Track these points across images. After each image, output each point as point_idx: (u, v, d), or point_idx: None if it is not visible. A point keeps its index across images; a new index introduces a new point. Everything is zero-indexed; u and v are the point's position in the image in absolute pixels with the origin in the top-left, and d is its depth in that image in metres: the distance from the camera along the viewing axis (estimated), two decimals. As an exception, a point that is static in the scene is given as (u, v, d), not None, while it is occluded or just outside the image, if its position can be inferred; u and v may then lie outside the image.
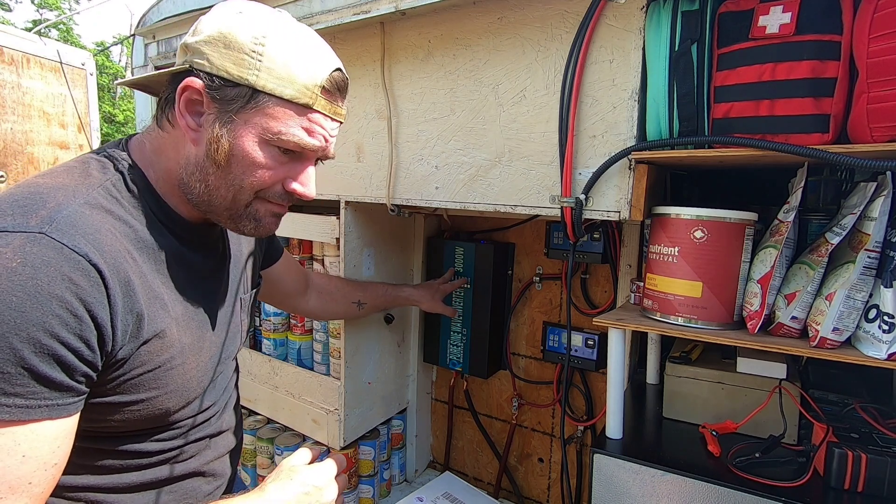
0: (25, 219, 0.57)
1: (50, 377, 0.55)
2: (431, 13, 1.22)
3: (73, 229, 0.58)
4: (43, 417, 0.55)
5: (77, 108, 1.77)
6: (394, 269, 1.74)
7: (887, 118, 0.76)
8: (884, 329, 0.79)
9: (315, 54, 0.70)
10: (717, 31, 0.92)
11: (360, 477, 1.76)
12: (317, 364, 1.72)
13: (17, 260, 0.53)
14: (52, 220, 0.57)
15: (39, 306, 0.53)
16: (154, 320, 0.66)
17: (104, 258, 0.59)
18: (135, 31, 1.77)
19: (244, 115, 0.67)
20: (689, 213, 0.95)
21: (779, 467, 0.96)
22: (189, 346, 0.73)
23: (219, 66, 0.66)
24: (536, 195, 1.14)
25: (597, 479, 1.02)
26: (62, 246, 0.56)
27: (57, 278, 0.55)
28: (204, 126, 0.68)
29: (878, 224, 0.81)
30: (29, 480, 0.55)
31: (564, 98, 1.06)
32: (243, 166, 0.69)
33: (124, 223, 0.66)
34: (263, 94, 0.67)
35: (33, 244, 0.55)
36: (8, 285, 0.52)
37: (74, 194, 0.62)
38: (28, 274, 0.53)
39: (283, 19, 0.70)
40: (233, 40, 0.65)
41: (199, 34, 0.67)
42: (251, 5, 0.69)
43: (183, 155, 0.70)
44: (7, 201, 0.59)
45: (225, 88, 0.66)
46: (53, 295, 0.54)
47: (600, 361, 1.56)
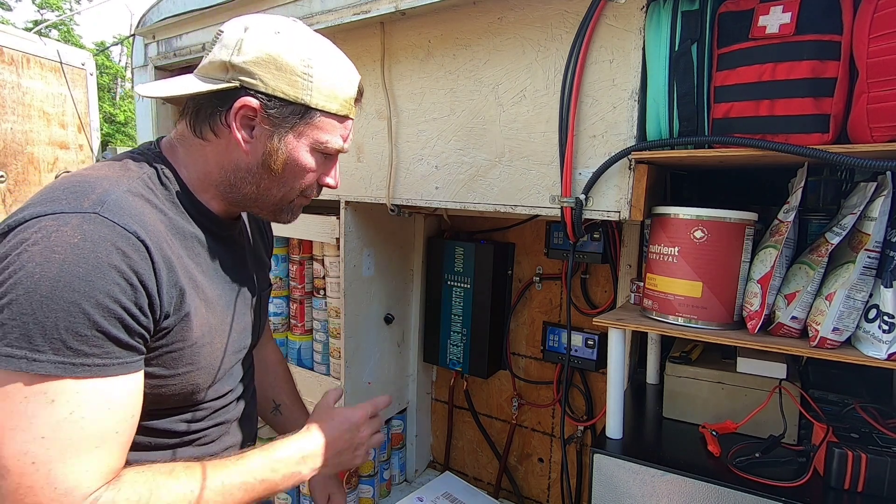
0: (79, 202, 0.63)
1: (119, 338, 0.62)
2: (431, 13, 1.22)
3: (121, 211, 0.64)
4: (118, 373, 0.62)
5: (77, 108, 1.77)
6: (394, 269, 1.74)
7: (887, 118, 0.76)
8: (884, 329, 0.79)
9: (347, 69, 0.80)
10: (717, 31, 0.92)
11: (360, 477, 1.76)
12: (317, 364, 1.72)
13: (77, 236, 0.60)
14: (102, 203, 0.64)
15: (102, 276, 0.60)
16: (190, 298, 0.72)
17: (149, 236, 0.66)
18: (135, 31, 1.77)
19: (298, 129, 0.76)
20: (689, 213, 0.95)
21: (779, 467, 0.96)
22: (215, 327, 0.78)
23: (274, 87, 0.73)
24: (536, 195, 1.13)
25: (597, 479, 1.02)
26: (114, 224, 0.62)
27: (113, 251, 0.61)
28: (257, 138, 0.75)
29: (878, 224, 0.81)
30: (115, 430, 0.62)
31: (564, 98, 1.06)
32: (295, 172, 0.79)
33: (160, 211, 0.72)
34: (315, 111, 0.76)
35: (89, 223, 0.61)
36: (74, 258, 0.59)
37: (118, 183, 0.68)
38: (89, 248, 0.60)
39: (315, 36, 0.78)
40: (283, 63, 0.73)
41: (244, 54, 0.72)
42: (282, 24, 0.75)
43: (230, 162, 0.77)
44: (59, 189, 0.65)
45: (281, 107, 0.74)
46: (112, 265, 0.61)
47: (600, 361, 1.56)
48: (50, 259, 0.58)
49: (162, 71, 1.76)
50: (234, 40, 0.73)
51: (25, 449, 0.56)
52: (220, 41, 0.75)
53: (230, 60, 0.72)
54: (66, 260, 0.58)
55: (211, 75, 0.75)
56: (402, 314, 1.80)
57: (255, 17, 0.76)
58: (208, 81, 0.74)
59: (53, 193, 0.65)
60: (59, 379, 0.58)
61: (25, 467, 0.56)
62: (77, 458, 0.59)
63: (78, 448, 0.59)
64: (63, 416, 0.58)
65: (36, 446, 0.57)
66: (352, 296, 1.55)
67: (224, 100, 0.73)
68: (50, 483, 0.57)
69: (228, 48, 0.73)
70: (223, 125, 0.75)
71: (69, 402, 0.59)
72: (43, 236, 0.59)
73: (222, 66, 0.73)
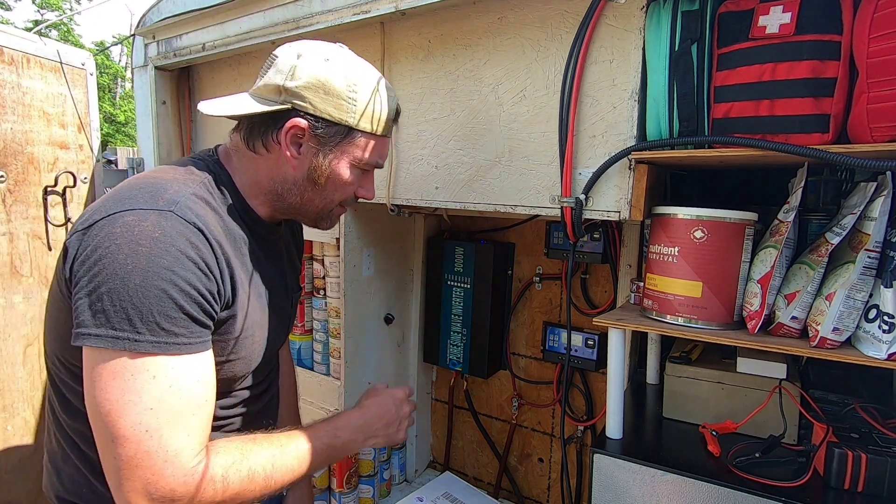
0: (154, 200, 0.71)
1: (200, 319, 0.70)
2: (431, 13, 1.22)
3: (190, 210, 0.72)
4: (201, 350, 0.71)
5: (77, 108, 1.77)
6: (394, 269, 1.74)
7: (887, 118, 0.76)
8: (884, 329, 0.79)
9: (387, 92, 0.88)
10: (717, 31, 0.92)
11: (361, 477, 1.76)
12: (317, 364, 1.72)
13: (158, 231, 0.68)
14: (175, 202, 0.72)
15: (183, 266, 0.68)
16: (241, 292, 0.80)
17: (212, 234, 0.74)
18: (135, 31, 1.77)
19: (341, 147, 0.84)
20: (688, 213, 0.95)
21: (779, 467, 0.96)
22: (258, 322, 0.86)
23: (321, 110, 0.81)
24: (536, 195, 1.13)
25: (597, 479, 1.02)
26: (185, 221, 0.71)
27: (188, 245, 0.69)
28: (304, 154, 0.84)
29: (878, 224, 0.81)
30: (206, 398, 0.71)
31: (564, 98, 1.06)
32: (336, 185, 0.88)
33: (216, 213, 0.80)
34: (356, 131, 0.84)
35: (166, 219, 0.69)
36: (157, 251, 0.66)
37: (185, 185, 0.77)
38: (169, 241, 0.68)
39: (359, 62, 0.85)
40: (331, 88, 0.80)
41: (296, 80, 0.80)
42: (331, 51, 0.83)
43: (279, 174, 0.85)
44: (135, 188, 0.74)
45: (327, 127, 0.82)
46: (189, 257, 0.69)
47: (600, 361, 1.56)
48: (137, 251, 0.66)
49: (162, 71, 1.76)
50: (287, 66, 0.81)
51: (139, 420, 0.64)
52: (274, 66, 0.82)
53: (283, 84, 0.80)
54: (152, 252, 0.66)
55: (265, 97, 0.82)
56: (402, 314, 1.80)
57: (308, 43, 0.84)
58: (263, 102, 0.82)
59: (130, 192, 0.72)
60: (157, 356, 0.66)
61: (141, 435, 0.64)
62: (179, 425, 0.67)
63: (179, 416, 0.67)
64: (164, 389, 0.66)
65: (147, 416, 0.64)
66: (352, 296, 1.55)
67: (276, 120, 0.82)
68: (162, 447, 0.65)
69: (282, 73, 0.80)
70: (274, 142, 0.83)
71: (167, 376, 0.67)
72: (127, 230, 0.67)
73: (276, 90, 0.81)
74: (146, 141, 1.82)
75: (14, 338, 1.65)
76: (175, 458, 0.65)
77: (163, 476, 0.65)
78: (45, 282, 1.72)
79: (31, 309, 1.69)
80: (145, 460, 0.64)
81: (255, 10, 1.42)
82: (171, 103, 1.82)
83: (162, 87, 1.78)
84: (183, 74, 1.84)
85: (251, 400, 0.94)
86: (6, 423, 1.64)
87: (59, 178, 1.72)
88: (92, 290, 0.65)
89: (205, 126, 1.85)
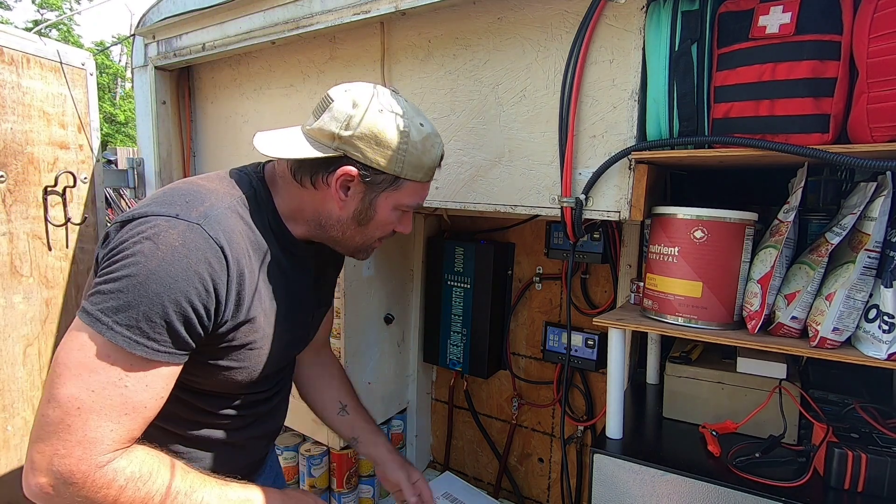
0: (188, 211, 0.76)
1: (178, 333, 0.73)
2: (431, 13, 1.22)
3: (218, 226, 0.77)
4: (164, 361, 0.73)
5: (77, 108, 1.77)
6: (394, 269, 1.74)
7: (887, 118, 0.76)
8: (884, 329, 0.79)
9: (434, 140, 0.91)
10: (717, 31, 0.92)
11: (360, 477, 1.76)
12: (317, 364, 1.71)
13: (179, 241, 0.73)
14: (206, 216, 0.77)
15: (188, 279, 0.72)
16: (252, 308, 0.84)
17: (232, 252, 0.78)
18: (135, 31, 1.77)
19: (386, 193, 0.89)
20: (689, 213, 0.95)
21: (779, 467, 0.96)
22: (269, 335, 0.89)
23: (371, 159, 0.85)
24: (536, 195, 1.13)
25: (597, 479, 1.02)
26: (209, 237, 0.75)
27: (202, 261, 0.74)
28: (351, 197, 0.88)
29: (878, 224, 0.81)
30: (145, 405, 0.73)
31: (564, 98, 1.06)
32: (378, 226, 0.92)
33: (248, 227, 0.85)
34: (404, 180, 0.88)
35: (192, 232, 0.74)
36: (171, 259, 0.71)
37: (222, 199, 0.82)
38: (184, 253, 0.72)
39: (411, 112, 0.89)
40: (382, 139, 0.84)
41: (351, 129, 0.84)
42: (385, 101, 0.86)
43: (324, 210, 0.90)
44: (177, 193, 0.80)
45: (375, 175, 0.86)
46: (197, 272, 0.73)
47: (600, 361, 1.56)
48: (154, 255, 0.71)
49: (162, 71, 1.76)
50: (343, 115, 0.84)
51: (77, 394, 0.68)
52: (329, 110, 0.85)
53: (338, 133, 0.84)
54: (165, 259, 0.71)
55: (319, 140, 0.86)
56: (402, 314, 1.80)
57: (363, 90, 0.86)
58: (317, 146, 0.85)
59: (172, 197, 0.79)
60: (122, 349, 0.70)
61: (71, 408, 0.68)
62: (109, 418, 0.70)
63: (113, 409, 0.70)
64: (112, 380, 0.70)
65: (85, 395, 0.68)
66: (352, 296, 1.55)
67: (328, 163, 0.85)
68: (83, 428, 0.68)
69: (338, 121, 0.84)
70: (323, 183, 0.87)
71: (122, 370, 0.70)
72: (155, 233, 0.72)
73: (331, 136, 0.85)
74: (146, 141, 1.82)
75: (14, 338, 1.65)
76: (89, 444, 0.68)
77: (70, 454, 0.67)
78: (45, 282, 1.72)
79: (31, 309, 1.69)
80: (64, 432, 0.67)
81: (255, 10, 1.42)
82: (171, 103, 1.82)
83: (162, 87, 1.78)
84: (183, 74, 1.84)
85: (257, 404, 0.97)
86: (6, 423, 1.64)
87: (59, 178, 1.72)
88: (107, 275, 0.72)
89: (205, 126, 1.85)
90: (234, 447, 0.97)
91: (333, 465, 1.70)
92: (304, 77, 1.51)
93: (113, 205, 3.47)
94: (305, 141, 0.87)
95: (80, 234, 1.80)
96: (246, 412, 0.96)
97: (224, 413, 0.92)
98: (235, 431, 0.95)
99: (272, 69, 1.59)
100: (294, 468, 1.73)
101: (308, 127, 0.89)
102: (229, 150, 1.77)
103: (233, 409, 0.93)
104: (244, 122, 1.69)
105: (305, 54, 1.49)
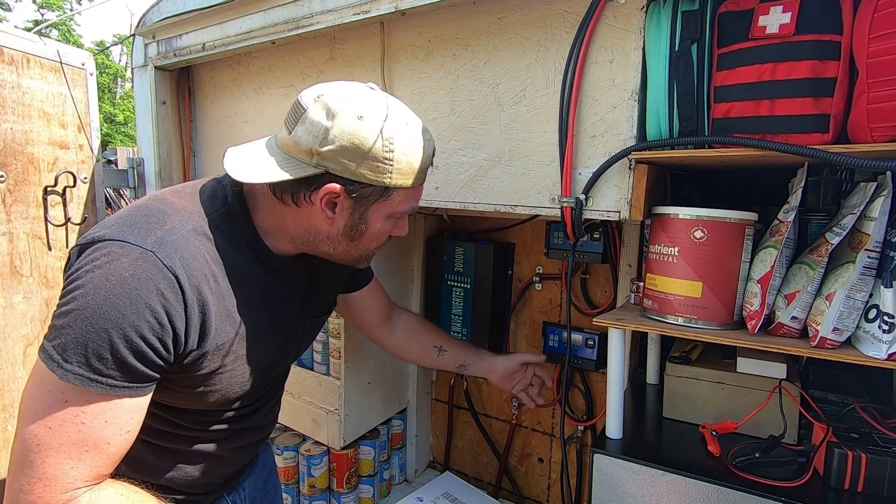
0: (144, 236, 0.73)
1: (134, 367, 0.70)
2: (431, 13, 1.22)
3: (175, 253, 0.73)
4: (123, 395, 0.71)
5: (77, 108, 1.77)
6: (394, 268, 1.74)
7: (887, 118, 0.76)
8: (884, 329, 0.79)
9: (423, 141, 0.84)
10: (717, 31, 0.92)
11: (360, 477, 1.76)
12: (317, 364, 1.71)
13: (130, 270, 0.69)
14: (162, 242, 0.73)
15: (137, 312, 0.69)
16: (219, 334, 0.80)
17: (190, 281, 0.74)
18: (135, 31, 1.77)
19: (377, 205, 0.83)
20: (689, 213, 0.95)
21: (779, 467, 0.96)
22: (242, 356, 0.85)
23: (356, 174, 0.78)
24: (536, 195, 1.13)
25: (597, 479, 1.02)
26: (163, 266, 0.71)
27: (154, 291, 0.70)
28: (339, 213, 0.82)
29: (878, 224, 0.81)
30: (108, 441, 0.71)
31: (564, 98, 1.06)
32: (372, 238, 0.88)
33: (218, 248, 0.80)
34: (393, 189, 0.82)
35: (144, 260, 0.71)
36: (119, 291, 0.68)
37: (187, 220, 0.78)
38: (134, 284, 0.69)
39: (393, 112, 0.80)
40: (366, 151, 0.77)
41: (329, 144, 0.76)
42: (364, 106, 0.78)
43: (310, 227, 0.84)
44: (139, 214, 0.76)
45: (362, 189, 0.80)
46: (148, 305, 0.69)
47: (600, 361, 1.56)
48: (102, 286, 0.68)
49: (162, 71, 1.76)
50: (319, 128, 0.77)
51: (37, 431, 0.67)
52: (303, 122, 0.78)
53: (316, 149, 0.77)
54: (113, 291, 0.68)
55: (295, 157, 0.79)
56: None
57: (338, 94, 0.78)
58: (294, 164, 0.78)
59: (133, 218, 0.75)
60: (76, 387, 0.68)
61: (32, 445, 0.67)
62: (68, 455, 0.68)
63: (72, 446, 0.68)
64: (69, 417, 0.68)
65: (44, 433, 0.67)
66: (352, 296, 1.55)
67: (309, 182, 0.79)
68: (43, 466, 0.67)
69: (315, 136, 0.77)
70: (306, 201, 0.81)
71: (78, 407, 0.68)
72: (107, 262, 0.69)
73: (308, 153, 0.78)
74: (146, 141, 1.82)
75: (14, 338, 1.65)
76: (49, 482, 0.67)
77: (32, 491, 0.66)
78: (45, 282, 1.72)
79: (31, 309, 1.69)
80: (27, 469, 0.67)
81: (255, 10, 1.42)
82: (171, 103, 1.82)
83: (162, 87, 1.78)
84: (183, 74, 1.84)
85: (240, 419, 0.95)
86: (6, 423, 1.64)
87: (59, 178, 1.72)
88: (60, 307, 0.70)
89: (205, 126, 1.85)
90: (220, 458, 0.96)
91: (333, 465, 1.70)
92: (304, 77, 1.51)
93: (113, 205, 3.47)
94: (281, 158, 0.80)
95: (80, 234, 1.80)
96: (231, 426, 0.94)
97: (209, 429, 0.91)
98: (221, 443, 0.95)
99: (272, 69, 1.59)
100: (294, 468, 1.73)
101: (281, 140, 0.81)
102: (229, 150, 1.77)
103: (217, 425, 0.92)
104: (244, 122, 1.70)
105: (305, 54, 1.49)
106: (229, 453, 0.97)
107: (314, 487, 1.69)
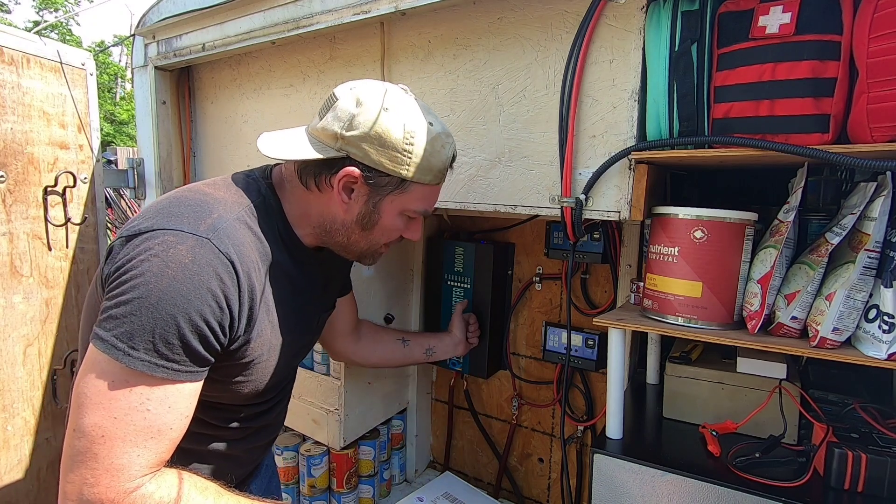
0: (196, 224, 0.74)
1: (197, 351, 0.72)
2: (431, 13, 1.22)
3: (228, 239, 0.75)
4: (186, 380, 0.72)
5: (77, 108, 1.77)
6: (394, 269, 1.74)
7: (887, 118, 0.76)
8: (884, 329, 0.79)
9: (444, 140, 0.87)
10: (717, 31, 0.92)
11: (360, 477, 1.76)
12: (317, 364, 1.71)
13: (189, 257, 0.70)
14: (215, 229, 0.74)
15: (200, 297, 0.70)
16: (260, 323, 0.82)
17: (242, 267, 0.76)
18: (135, 31, 1.77)
19: (391, 197, 0.86)
20: (689, 213, 0.95)
21: (779, 467, 0.96)
22: (276, 347, 0.87)
23: (375, 161, 0.81)
24: (536, 195, 1.13)
25: (597, 479, 1.02)
26: (219, 252, 0.73)
27: (214, 276, 0.72)
28: (355, 200, 0.85)
29: (878, 224, 0.81)
30: (170, 426, 0.72)
31: (564, 98, 1.06)
32: (384, 231, 0.90)
33: (257, 238, 0.82)
34: (410, 182, 0.85)
35: (201, 247, 0.72)
36: (182, 277, 0.69)
37: (230, 209, 0.79)
38: (195, 270, 0.70)
39: (419, 111, 0.84)
40: (387, 140, 0.81)
41: (354, 129, 0.80)
42: (391, 99, 0.82)
43: (328, 213, 0.87)
44: (184, 204, 0.77)
45: (379, 177, 0.83)
46: (209, 289, 0.71)
47: (600, 361, 1.55)
48: (164, 273, 0.68)
49: (162, 71, 1.76)
50: (346, 114, 0.81)
51: (101, 423, 0.67)
52: (333, 109, 0.82)
53: (340, 133, 0.81)
54: (176, 277, 0.69)
55: (322, 140, 0.83)
56: (402, 314, 1.80)
57: (369, 88, 0.83)
58: (319, 147, 0.83)
59: (178, 209, 0.76)
60: (141, 374, 0.68)
61: (96, 437, 0.66)
62: (134, 443, 0.68)
63: (137, 434, 0.68)
64: (134, 405, 0.68)
65: (108, 423, 0.67)
66: (352, 296, 1.55)
67: (331, 164, 0.83)
68: (109, 456, 0.67)
69: (341, 121, 0.81)
70: (327, 184, 0.84)
71: (143, 394, 0.69)
72: (163, 250, 0.70)
73: (333, 136, 0.82)
74: (146, 141, 1.82)
75: (14, 338, 1.65)
76: (116, 472, 0.67)
77: (98, 483, 0.66)
78: (45, 282, 1.72)
79: (31, 309, 1.69)
80: (91, 461, 0.66)
81: (255, 10, 1.42)
82: (171, 103, 1.82)
83: (162, 87, 1.78)
84: (183, 74, 1.84)
85: (258, 415, 0.96)
86: (6, 423, 1.64)
87: (59, 178, 1.72)
88: (116, 297, 0.69)
89: (205, 126, 1.85)
90: (234, 458, 0.97)
91: (333, 465, 1.70)
92: (304, 77, 1.51)
93: (113, 205, 3.47)
94: (308, 142, 0.84)
95: (80, 234, 1.80)
96: (248, 424, 0.95)
97: (228, 426, 0.91)
98: (237, 442, 0.95)
99: (272, 69, 1.59)
100: (294, 468, 1.73)
101: (312, 127, 0.86)
102: (229, 150, 1.77)
103: (236, 422, 0.92)
104: (244, 123, 1.70)
105: (305, 54, 1.49)
106: (244, 453, 0.98)
107: (314, 487, 1.69)
